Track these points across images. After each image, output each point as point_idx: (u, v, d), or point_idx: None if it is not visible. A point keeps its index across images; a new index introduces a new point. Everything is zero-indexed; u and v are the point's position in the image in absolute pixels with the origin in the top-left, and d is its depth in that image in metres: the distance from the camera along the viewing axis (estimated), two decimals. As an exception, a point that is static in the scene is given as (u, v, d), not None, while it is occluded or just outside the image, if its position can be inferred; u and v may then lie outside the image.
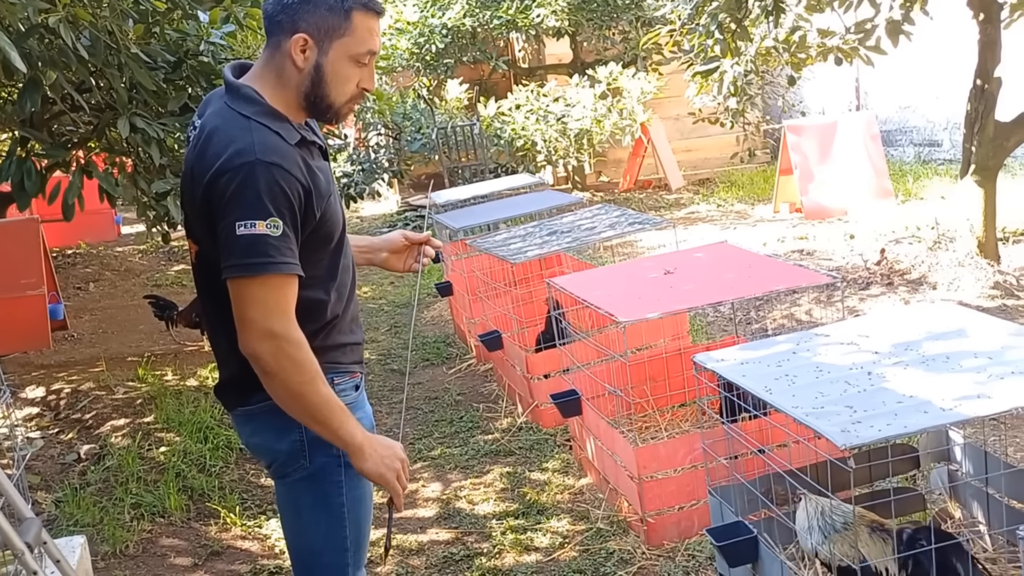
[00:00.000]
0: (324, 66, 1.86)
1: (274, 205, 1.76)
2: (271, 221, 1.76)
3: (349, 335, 2.05)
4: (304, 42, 1.84)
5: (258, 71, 1.91)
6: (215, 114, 1.87)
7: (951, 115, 9.85)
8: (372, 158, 10.69)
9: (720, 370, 2.53)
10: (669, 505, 3.31)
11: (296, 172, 1.81)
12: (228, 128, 1.82)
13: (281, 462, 2.01)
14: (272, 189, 1.76)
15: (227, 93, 1.89)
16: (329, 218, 1.92)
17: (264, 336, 1.77)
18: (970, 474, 2.77)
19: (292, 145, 1.84)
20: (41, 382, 5.34)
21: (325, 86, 1.88)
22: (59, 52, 3.84)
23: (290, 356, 1.78)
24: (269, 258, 1.76)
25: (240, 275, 1.77)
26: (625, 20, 11.23)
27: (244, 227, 1.75)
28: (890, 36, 5.78)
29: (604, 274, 4.25)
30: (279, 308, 1.78)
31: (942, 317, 2.69)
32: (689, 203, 10.46)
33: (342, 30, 1.84)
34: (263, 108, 1.85)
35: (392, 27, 11.46)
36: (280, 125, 1.85)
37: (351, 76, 1.89)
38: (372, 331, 6.74)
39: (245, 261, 1.75)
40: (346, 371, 2.02)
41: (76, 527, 3.62)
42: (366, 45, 1.87)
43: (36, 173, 4.52)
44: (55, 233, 8.93)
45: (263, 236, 1.75)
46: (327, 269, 1.96)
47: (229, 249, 1.77)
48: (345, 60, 1.86)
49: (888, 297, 5.75)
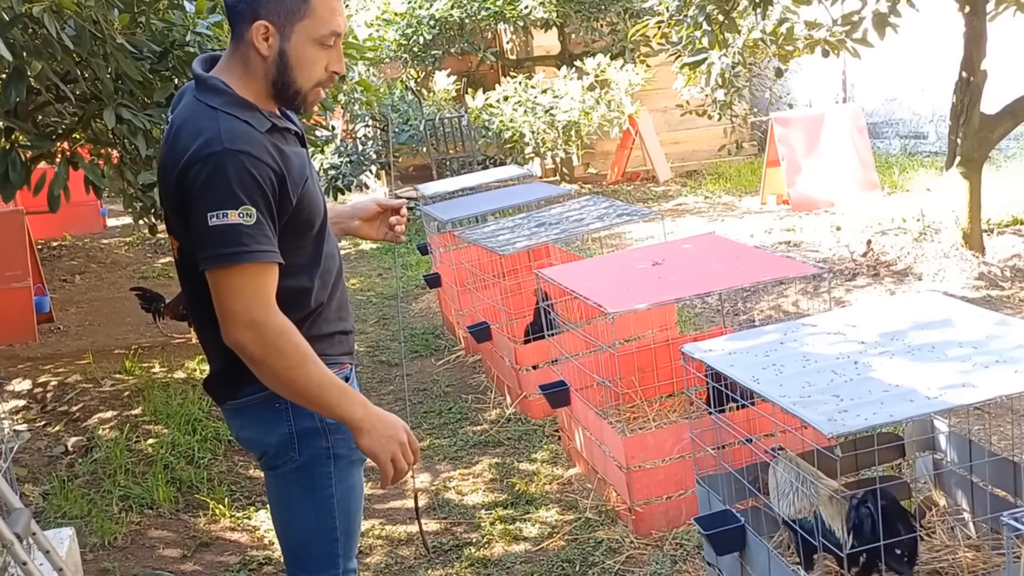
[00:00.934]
0: (288, 51, 1.84)
1: (245, 193, 1.75)
2: (243, 209, 1.74)
3: (337, 323, 2.04)
4: (265, 29, 1.82)
5: (225, 63, 1.91)
6: (184, 107, 1.87)
7: (937, 107, 9.90)
8: (359, 150, 10.66)
9: (708, 360, 2.55)
10: (657, 495, 3.33)
11: (266, 158, 1.80)
12: (196, 120, 1.81)
13: (271, 454, 2.00)
14: (242, 177, 1.75)
15: (196, 87, 1.89)
16: (307, 204, 1.90)
17: (246, 326, 1.76)
18: (955, 462, 2.80)
19: (262, 132, 1.83)
20: (27, 375, 5.32)
21: (291, 71, 1.86)
22: (44, 42, 3.80)
23: (273, 343, 1.77)
24: (244, 247, 1.75)
25: (216, 266, 1.76)
26: (613, 12, 11.23)
27: (216, 217, 1.74)
28: (877, 28, 5.80)
29: (592, 265, 4.26)
30: (258, 296, 1.77)
31: (928, 307, 2.71)
32: (677, 195, 10.48)
33: (302, 12, 1.82)
34: (230, 98, 1.84)
35: (380, 18, 11.41)
36: (249, 114, 1.84)
37: (317, 59, 1.87)
38: (360, 323, 6.73)
39: (220, 252, 1.75)
40: (334, 362, 2.01)
41: (64, 519, 3.61)
42: (328, 26, 1.85)
43: (21, 164, 4.49)
44: (40, 225, 8.87)
45: (236, 225, 1.74)
46: (310, 256, 1.95)
47: (203, 241, 1.76)
48: (309, 43, 1.85)
49: (874, 288, 5.79)
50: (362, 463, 2.10)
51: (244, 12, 1.83)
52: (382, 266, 8.76)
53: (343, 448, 2.00)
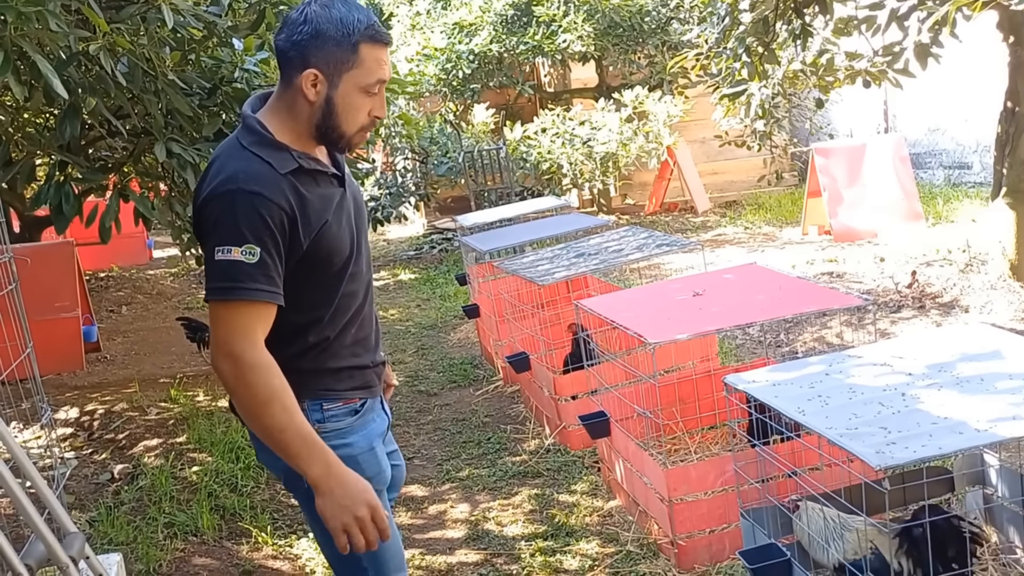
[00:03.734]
0: (335, 99, 1.90)
1: (252, 232, 1.81)
2: (247, 248, 1.81)
3: (349, 359, 2.05)
4: (315, 77, 1.88)
5: (272, 103, 1.98)
6: (222, 145, 1.97)
7: (981, 137, 9.78)
8: (399, 182, 10.79)
9: (752, 391, 2.53)
10: (700, 528, 3.28)
11: (279, 200, 1.85)
12: (223, 158, 1.90)
13: (286, 479, 2.05)
14: (250, 217, 1.81)
15: (240, 125, 1.98)
16: (325, 246, 1.94)
17: (225, 356, 1.83)
18: (1006, 497, 2.74)
19: (282, 174, 1.88)
20: (75, 403, 5.42)
21: (336, 117, 1.92)
22: (98, 79, 3.94)
23: (244, 378, 1.82)
24: (239, 283, 1.81)
25: (213, 298, 1.84)
26: (651, 44, 11.30)
27: (221, 252, 1.82)
28: (919, 59, 5.76)
29: (632, 295, 4.25)
30: (242, 331, 1.83)
31: (976, 339, 2.67)
32: (716, 225, 10.44)
33: (351, 63, 1.88)
34: (261, 138, 1.90)
35: (420, 53, 11.61)
36: (275, 155, 1.89)
37: (361, 106, 1.93)
38: (399, 352, 6.77)
39: (219, 284, 1.83)
40: (339, 397, 2.03)
41: (110, 546, 3.66)
42: (375, 75, 1.91)
43: (74, 197, 4.62)
44: (88, 256, 9.09)
45: (237, 263, 1.81)
46: (325, 293, 1.99)
47: (209, 272, 1.85)
48: (355, 91, 1.91)
49: (920, 320, 5.70)
50: (378, 494, 2.06)
51: (295, 59, 1.89)
52: (420, 297, 8.82)
53: None
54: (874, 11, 5.74)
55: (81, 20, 3.71)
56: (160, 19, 3.68)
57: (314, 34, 1.86)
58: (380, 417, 2.15)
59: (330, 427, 2.00)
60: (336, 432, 2.01)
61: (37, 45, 3.28)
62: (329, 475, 1.84)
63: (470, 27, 11.50)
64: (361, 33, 1.87)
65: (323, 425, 1.99)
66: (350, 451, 2.01)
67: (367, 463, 2.04)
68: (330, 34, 1.85)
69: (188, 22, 3.95)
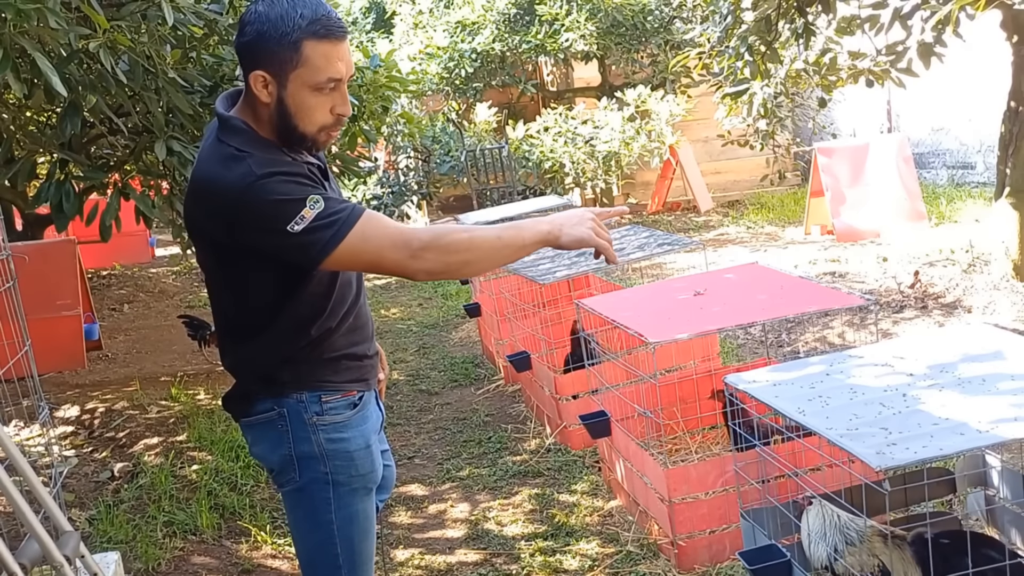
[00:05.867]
0: (285, 99, 1.87)
1: (299, 191, 1.80)
2: (310, 201, 1.78)
3: (346, 348, 2.04)
4: (264, 79, 1.86)
5: (240, 105, 1.96)
6: (209, 151, 1.90)
7: (984, 137, 9.75)
8: (401, 180, 10.79)
9: (752, 391, 2.52)
10: (700, 528, 3.27)
11: (299, 168, 1.87)
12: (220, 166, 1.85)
13: (276, 472, 2.05)
14: (286, 185, 1.80)
15: (219, 127, 1.93)
16: None
17: (409, 258, 1.81)
18: (1008, 499, 2.72)
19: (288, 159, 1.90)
20: (76, 401, 5.42)
21: (292, 118, 1.88)
22: (98, 76, 3.93)
23: (436, 257, 1.81)
24: (338, 217, 1.79)
25: (334, 248, 1.78)
26: (654, 43, 11.29)
27: (298, 224, 1.77)
28: (922, 58, 5.74)
29: (633, 295, 4.24)
30: (390, 233, 1.82)
31: (978, 339, 2.65)
32: (718, 225, 10.42)
33: (294, 62, 1.83)
34: (250, 136, 1.89)
35: (423, 51, 11.61)
36: (269, 152, 1.88)
37: (316, 105, 1.88)
38: (400, 351, 6.77)
39: (328, 237, 1.78)
40: (337, 389, 2.02)
41: (109, 544, 3.66)
42: (324, 73, 1.85)
43: (74, 195, 4.61)
44: (90, 255, 9.08)
45: (317, 215, 1.78)
46: (322, 284, 1.97)
47: (304, 248, 1.79)
48: (304, 91, 1.86)
49: (922, 320, 5.68)
50: (369, 492, 2.09)
51: (245, 61, 1.88)
52: (422, 295, 8.81)
53: (343, 475, 2.01)
54: (877, 10, 5.72)
55: (81, 17, 3.70)
56: (160, 17, 3.67)
57: (257, 34, 1.83)
58: (375, 412, 2.15)
59: (328, 420, 2.00)
60: (334, 425, 2.01)
61: (37, 43, 3.27)
62: (550, 220, 1.91)
63: (472, 26, 11.49)
64: (302, 30, 1.81)
65: (321, 417, 1.99)
66: (346, 446, 2.01)
67: (362, 460, 2.04)
68: (270, 33, 1.81)
69: (189, 20, 3.94)
